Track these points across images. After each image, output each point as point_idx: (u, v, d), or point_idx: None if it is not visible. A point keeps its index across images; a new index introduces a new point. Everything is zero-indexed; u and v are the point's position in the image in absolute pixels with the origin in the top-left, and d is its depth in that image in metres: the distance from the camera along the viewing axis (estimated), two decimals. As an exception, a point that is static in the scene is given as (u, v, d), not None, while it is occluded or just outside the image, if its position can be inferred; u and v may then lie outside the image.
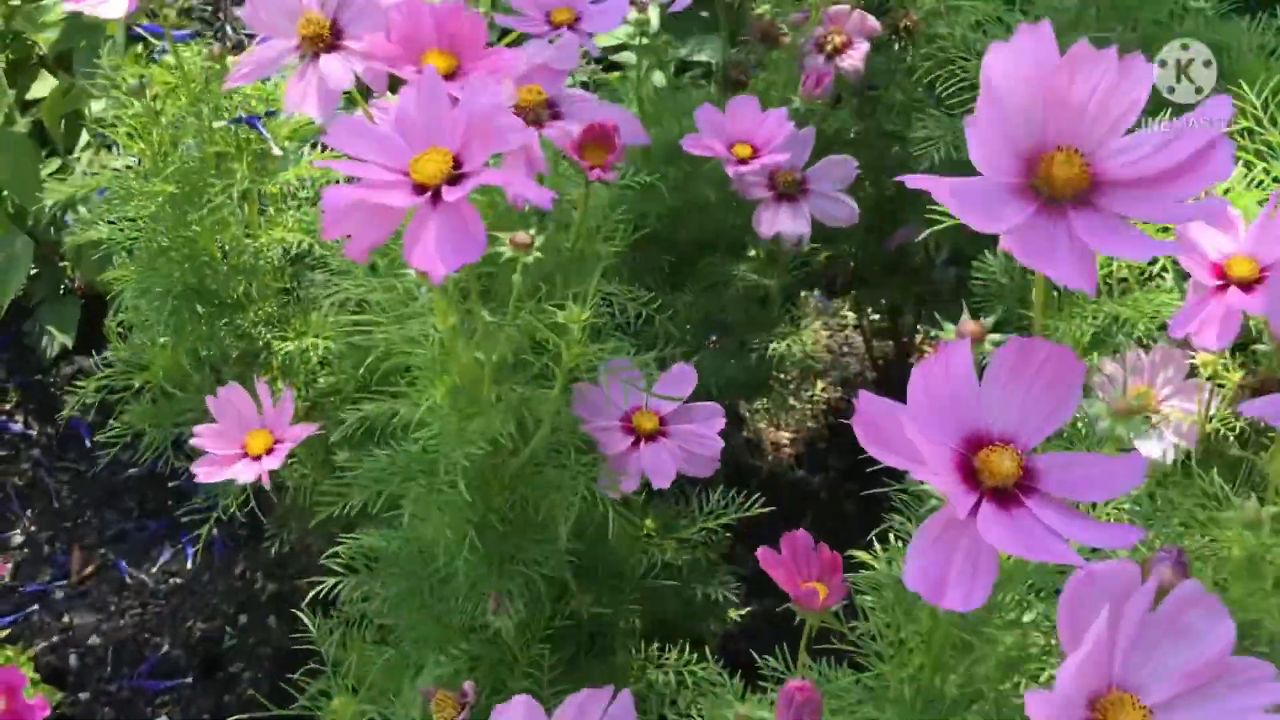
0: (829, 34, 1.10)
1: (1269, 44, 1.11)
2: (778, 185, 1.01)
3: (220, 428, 0.93)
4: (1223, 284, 0.70)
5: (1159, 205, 0.52)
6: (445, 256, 0.60)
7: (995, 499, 0.52)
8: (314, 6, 0.76)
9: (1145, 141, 0.53)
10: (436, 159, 0.62)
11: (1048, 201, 0.53)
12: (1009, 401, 0.54)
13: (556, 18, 0.98)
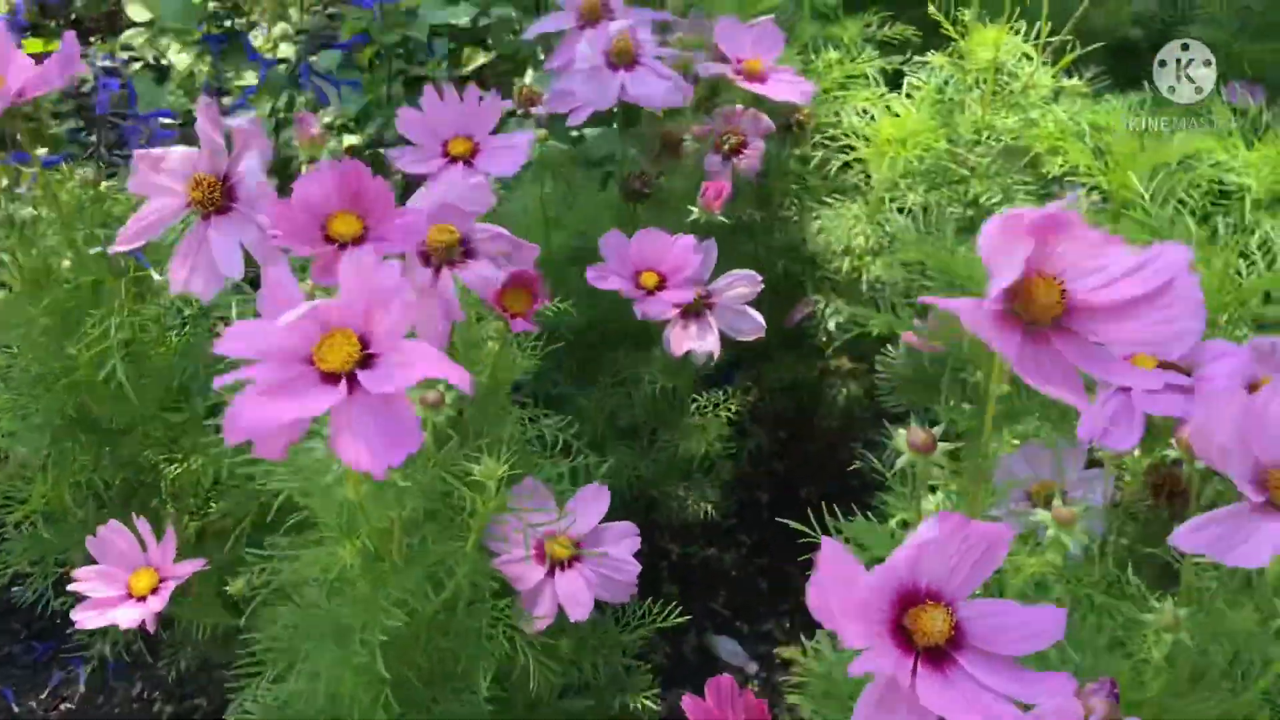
0: (725, 134, 1.11)
1: (1140, 119, 1.15)
2: (684, 306, 1.01)
3: (102, 568, 0.89)
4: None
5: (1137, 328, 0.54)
6: (378, 452, 0.57)
7: (929, 659, 0.53)
8: (204, 166, 0.73)
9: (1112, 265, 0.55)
10: (342, 343, 0.59)
11: (1029, 326, 0.54)
12: (938, 562, 0.54)
13: (453, 149, 0.96)
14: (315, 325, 0.60)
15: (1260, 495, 0.56)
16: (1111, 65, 1.47)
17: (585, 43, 1.04)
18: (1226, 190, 1.11)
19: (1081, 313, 0.54)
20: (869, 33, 1.24)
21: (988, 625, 0.54)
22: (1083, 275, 0.54)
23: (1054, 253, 0.54)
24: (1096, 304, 0.54)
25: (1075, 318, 0.54)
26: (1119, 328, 0.53)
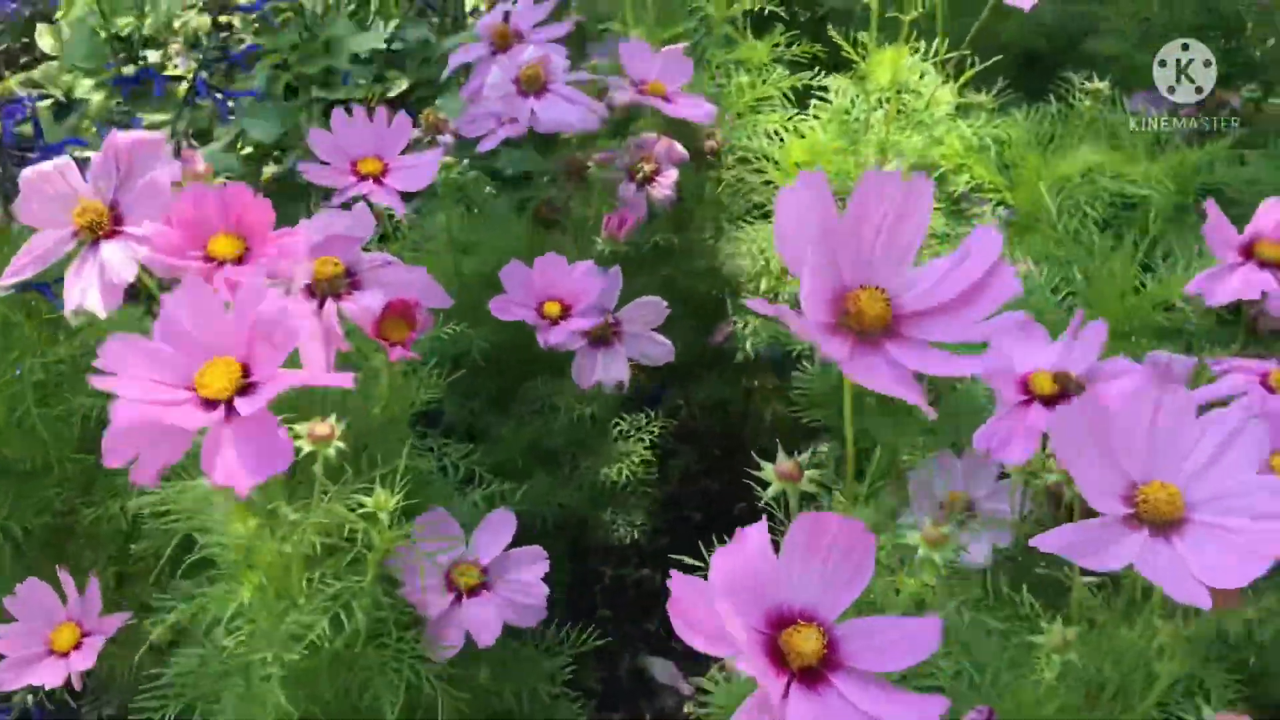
0: (639, 162, 1.11)
1: (1045, 132, 1.16)
2: (591, 333, 1.01)
3: (22, 626, 0.87)
4: (1027, 399, 0.73)
5: (959, 327, 0.55)
6: (249, 470, 0.57)
7: (804, 679, 0.53)
8: (89, 192, 0.72)
9: (934, 269, 0.56)
10: (224, 371, 0.59)
11: (860, 336, 0.55)
12: (807, 577, 0.55)
13: (363, 168, 0.97)
14: (200, 349, 0.61)
15: (1124, 509, 0.57)
16: (1019, 77, 1.50)
17: (496, 69, 1.04)
18: (1131, 202, 1.13)
19: (911, 316, 0.55)
20: (778, 53, 1.25)
21: (864, 643, 0.54)
22: (907, 281, 0.55)
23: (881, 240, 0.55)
24: (925, 307, 0.54)
25: (905, 323, 0.55)
26: (948, 324, 0.54)
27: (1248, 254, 0.80)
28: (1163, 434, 0.58)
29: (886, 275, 0.56)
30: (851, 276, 0.56)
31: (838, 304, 0.55)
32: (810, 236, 0.54)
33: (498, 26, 1.11)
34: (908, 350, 0.54)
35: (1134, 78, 1.41)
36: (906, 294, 0.56)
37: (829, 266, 0.55)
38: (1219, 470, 0.58)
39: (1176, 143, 1.16)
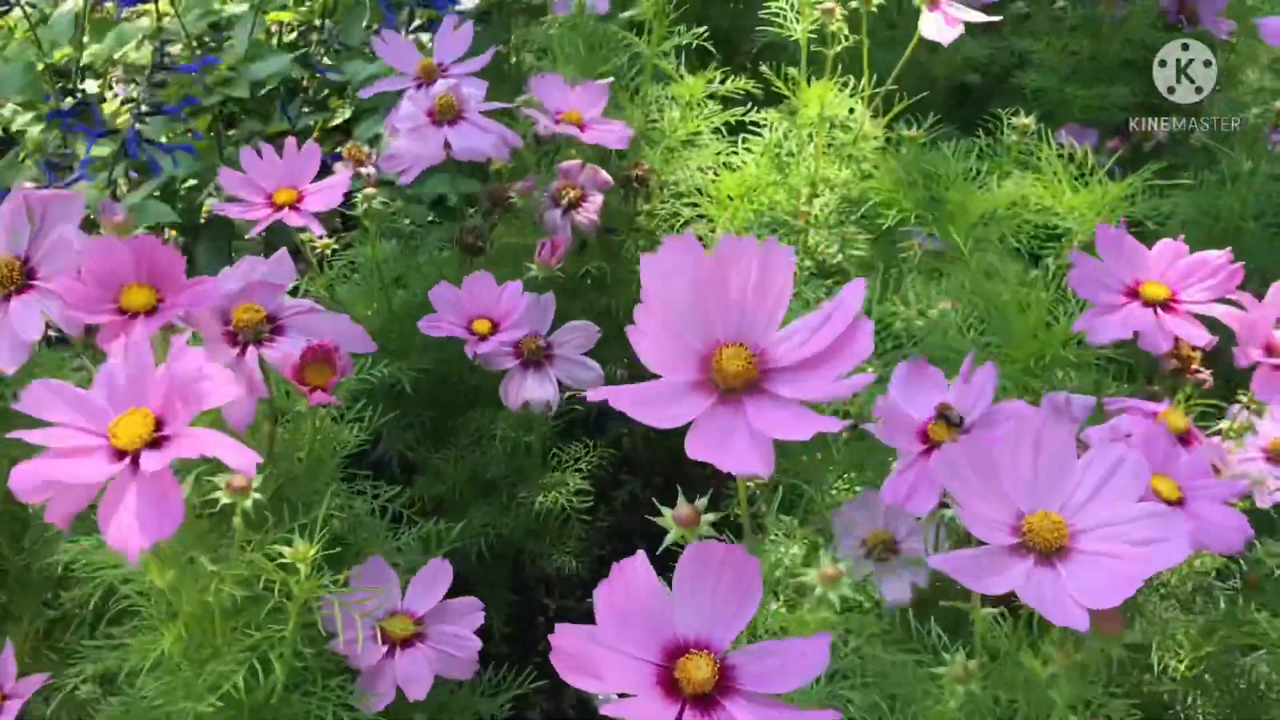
0: (563, 188, 1.12)
1: (973, 166, 1.18)
2: (523, 353, 1.01)
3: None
4: (928, 448, 0.74)
5: (820, 384, 0.56)
6: (142, 530, 0.57)
7: (697, 706, 0.54)
8: (2, 248, 0.72)
9: (801, 327, 0.58)
10: (137, 422, 0.60)
11: (724, 394, 0.56)
12: (698, 605, 0.56)
13: (279, 199, 0.97)
14: (123, 400, 0.61)
15: (1010, 538, 0.58)
16: (952, 109, 1.52)
17: (408, 101, 1.05)
18: (1055, 234, 1.15)
19: (775, 373, 0.56)
20: (712, 88, 1.26)
21: (756, 667, 0.55)
22: (775, 338, 0.57)
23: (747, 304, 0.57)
24: (789, 363, 0.56)
25: (769, 378, 0.56)
26: (810, 381, 0.55)
27: (1133, 294, 0.82)
28: (1047, 467, 0.60)
29: (752, 333, 0.57)
30: (722, 333, 0.57)
31: (705, 362, 0.56)
32: (674, 300, 0.55)
33: (422, 60, 1.12)
34: (767, 410, 0.54)
35: (1062, 111, 1.44)
36: (773, 350, 0.57)
37: (695, 325, 0.56)
38: (1102, 500, 0.59)
39: (1100, 177, 1.18)
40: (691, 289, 0.57)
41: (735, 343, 0.56)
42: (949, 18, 1.04)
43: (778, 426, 0.54)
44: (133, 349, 0.62)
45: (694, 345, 0.56)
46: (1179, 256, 0.84)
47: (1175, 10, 1.55)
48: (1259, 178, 1.21)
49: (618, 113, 1.21)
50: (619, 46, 1.26)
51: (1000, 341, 0.89)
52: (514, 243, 1.12)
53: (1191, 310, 0.80)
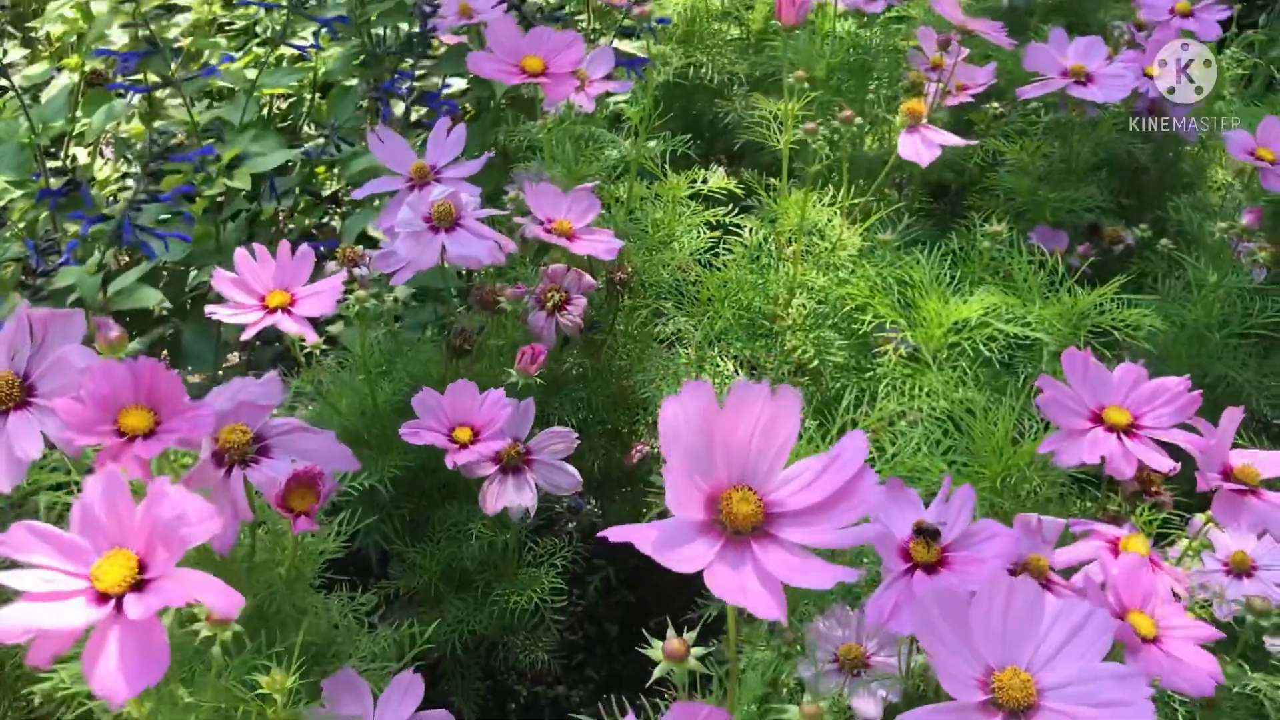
0: (549, 291, 1.14)
1: (946, 273, 1.21)
2: (502, 459, 1.03)
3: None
4: (910, 567, 0.76)
5: (825, 532, 0.58)
6: (128, 680, 0.58)
7: None
8: (3, 364, 0.74)
9: (805, 470, 0.60)
10: (120, 564, 0.60)
11: (733, 535, 0.58)
12: None
13: (271, 301, 1.00)
14: (105, 540, 0.62)
15: (981, 695, 0.60)
16: (928, 206, 1.56)
17: (407, 207, 1.07)
18: (1027, 343, 1.18)
19: (781, 516, 0.58)
20: (695, 188, 1.29)
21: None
22: (779, 481, 0.59)
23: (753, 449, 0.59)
24: (795, 508, 0.58)
25: (775, 522, 0.58)
26: (815, 527, 0.57)
27: (1097, 419, 0.84)
28: (1015, 621, 0.62)
29: (758, 476, 0.59)
30: (727, 476, 0.59)
31: (713, 503, 0.58)
32: (687, 442, 0.58)
33: (416, 163, 1.14)
34: (774, 554, 0.57)
35: (1034, 211, 1.48)
36: (777, 493, 0.59)
37: (705, 468, 0.58)
38: (1068, 656, 0.61)
39: (1070, 285, 1.21)
40: (703, 433, 0.59)
41: (742, 485, 0.59)
42: (926, 141, 1.07)
43: (792, 573, 0.56)
44: (109, 487, 0.63)
45: (703, 486, 0.58)
46: (1140, 381, 0.87)
47: (1147, 112, 1.60)
48: (1223, 289, 1.24)
49: (603, 212, 1.24)
50: (605, 142, 1.30)
51: (969, 460, 0.92)
52: (496, 343, 1.14)
53: (1153, 436, 0.83)
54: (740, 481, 0.59)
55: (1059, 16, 1.87)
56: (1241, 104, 1.65)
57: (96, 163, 1.85)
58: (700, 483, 0.58)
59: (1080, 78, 1.38)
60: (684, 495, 0.57)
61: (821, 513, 0.58)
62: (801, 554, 0.57)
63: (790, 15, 1.11)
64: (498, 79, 1.13)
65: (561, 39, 1.14)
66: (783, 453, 0.60)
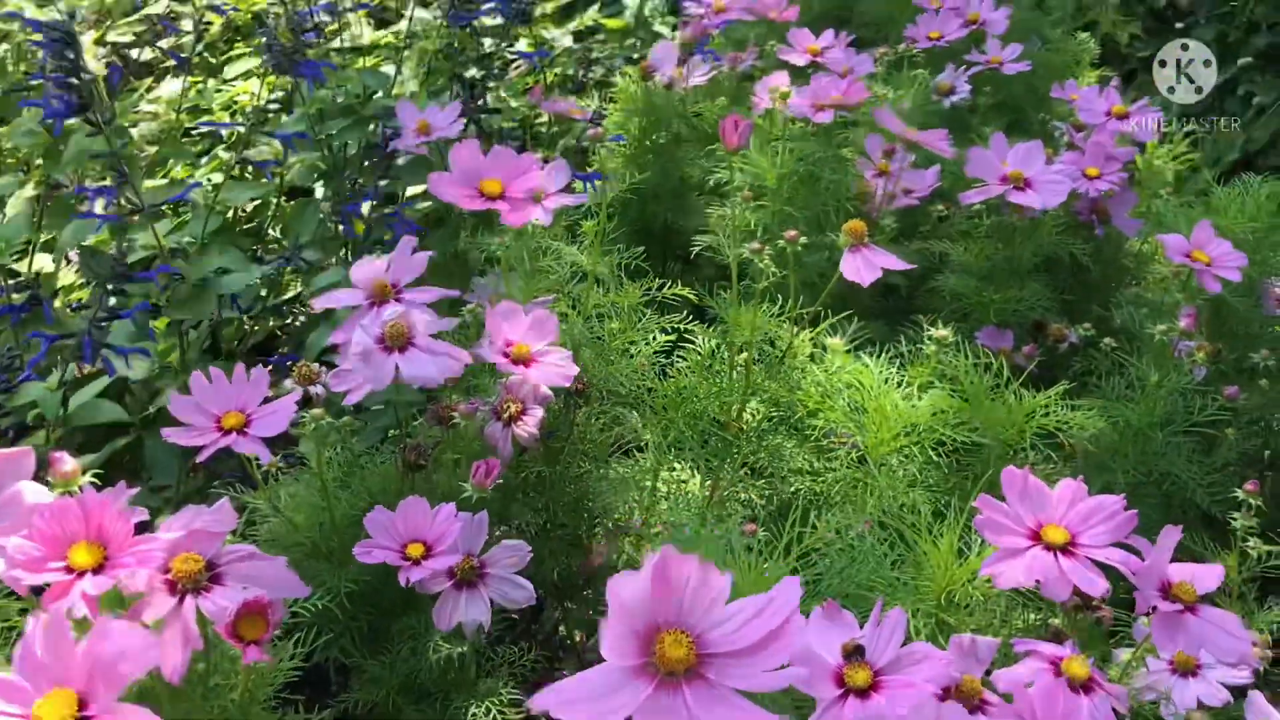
0: (505, 403, 1.16)
1: (893, 377, 1.24)
2: (456, 573, 1.04)
3: None
4: (843, 693, 0.77)
5: (755, 674, 0.60)
6: None
7: None
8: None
9: (737, 612, 0.61)
10: (60, 704, 0.61)
11: (665, 678, 0.60)
12: None
13: (226, 423, 1.01)
14: (46, 680, 0.63)
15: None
16: (877, 307, 1.60)
17: (360, 329, 1.09)
18: (974, 446, 1.21)
19: (713, 658, 0.60)
20: (650, 295, 1.32)
21: None
22: (713, 623, 0.61)
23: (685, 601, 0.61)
24: (726, 650, 0.60)
25: (707, 664, 0.60)
26: (746, 669, 0.59)
27: (1035, 537, 0.86)
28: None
29: (691, 619, 0.61)
30: (663, 620, 0.61)
31: (647, 645, 0.60)
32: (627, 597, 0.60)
33: (376, 280, 1.17)
34: (705, 697, 0.58)
35: (980, 311, 1.52)
36: (711, 634, 0.61)
37: (642, 614, 0.60)
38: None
39: (1015, 388, 1.24)
40: (642, 591, 0.61)
41: (678, 627, 0.61)
42: (868, 263, 1.11)
43: (720, 716, 0.58)
44: (52, 629, 0.64)
45: (639, 629, 0.60)
46: (1079, 497, 0.89)
47: (1088, 211, 1.65)
48: (1165, 389, 1.28)
49: (561, 322, 1.27)
50: (563, 253, 1.33)
51: (916, 572, 0.94)
52: (451, 457, 1.16)
53: (1090, 556, 0.85)
54: (676, 624, 0.61)
55: (999, 115, 1.94)
56: (1177, 203, 1.71)
57: (61, 268, 1.87)
58: (637, 625, 0.60)
59: (1019, 183, 1.43)
60: (620, 642, 0.59)
61: (752, 655, 0.60)
62: (731, 697, 0.59)
63: (733, 141, 1.15)
64: (457, 203, 1.16)
65: (520, 163, 1.17)
66: (718, 601, 0.62)
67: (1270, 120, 2.64)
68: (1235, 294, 1.40)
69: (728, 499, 1.26)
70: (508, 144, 1.38)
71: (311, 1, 1.79)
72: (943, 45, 1.84)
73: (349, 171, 1.42)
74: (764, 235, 1.42)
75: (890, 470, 1.16)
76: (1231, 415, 1.31)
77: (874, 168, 1.52)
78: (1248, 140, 2.65)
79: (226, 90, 2.05)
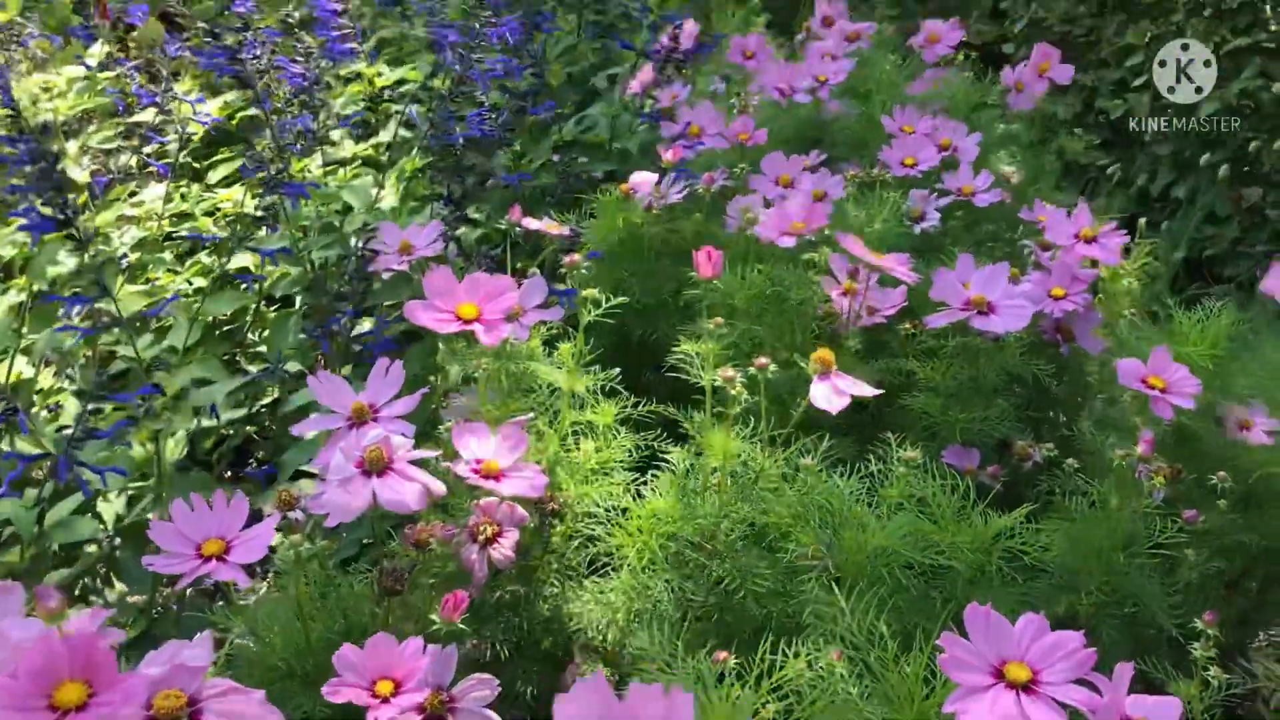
0: (481, 525, 1.18)
1: (863, 498, 1.26)
2: (426, 708, 1.04)
3: None
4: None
5: None
6: None
7: None
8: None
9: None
10: None
11: None
12: None
13: (206, 550, 1.03)
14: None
15: None
16: (848, 425, 1.63)
17: (339, 455, 1.11)
18: (943, 568, 1.23)
19: None
20: (625, 413, 1.35)
21: None
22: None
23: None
24: None
25: None
26: None
27: (999, 674, 0.88)
28: None
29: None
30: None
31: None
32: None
33: (355, 403, 1.19)
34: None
35: (947, 429, 1.55)
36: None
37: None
38: None
39: (981, 507, 1.27)
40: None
41: None
42: (838, 390, 1.14)
43: None
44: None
45: None
46: (1042, 632, 0.92)
47: (1052, 330, 1.70)
48: (1126, 512, 1.31)
49: (536, 441, 1.29)
50: (539, 371, 1.35)
51: (887, 706, 0.95)
52: (429, 581, 1.17)
53: (1051, 694, 0.87)
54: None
55: (969, 233, 2.00)
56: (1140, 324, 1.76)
57: (40, 371, 1.88)
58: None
59: (982, 308, 1.47)
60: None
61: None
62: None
63: (707, 271, 1.19)
64: (434, 328, 1.19)
65: (496, 286, 1.21)
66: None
67: (1227, 228, 2.72)
68: (1195, 417, 1.44)
69: (701, 618, 1.27)
70: (486, 259, 1.42)
71: (295, 114, 1.83)
72: (916, 173, 1.91)
73: (330, 286, 1.45)
74: (733, 354, 1.45)
75: (861, 592, 1.18)
76: (1191, 537, 1.34)
77: (840, 287, 1.57)
78: (1206, 242, 2.73)
79: (210, 197, 2.09)
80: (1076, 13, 3.03)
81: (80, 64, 2.61)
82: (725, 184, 1.81)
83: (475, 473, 1.15)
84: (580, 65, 2.42)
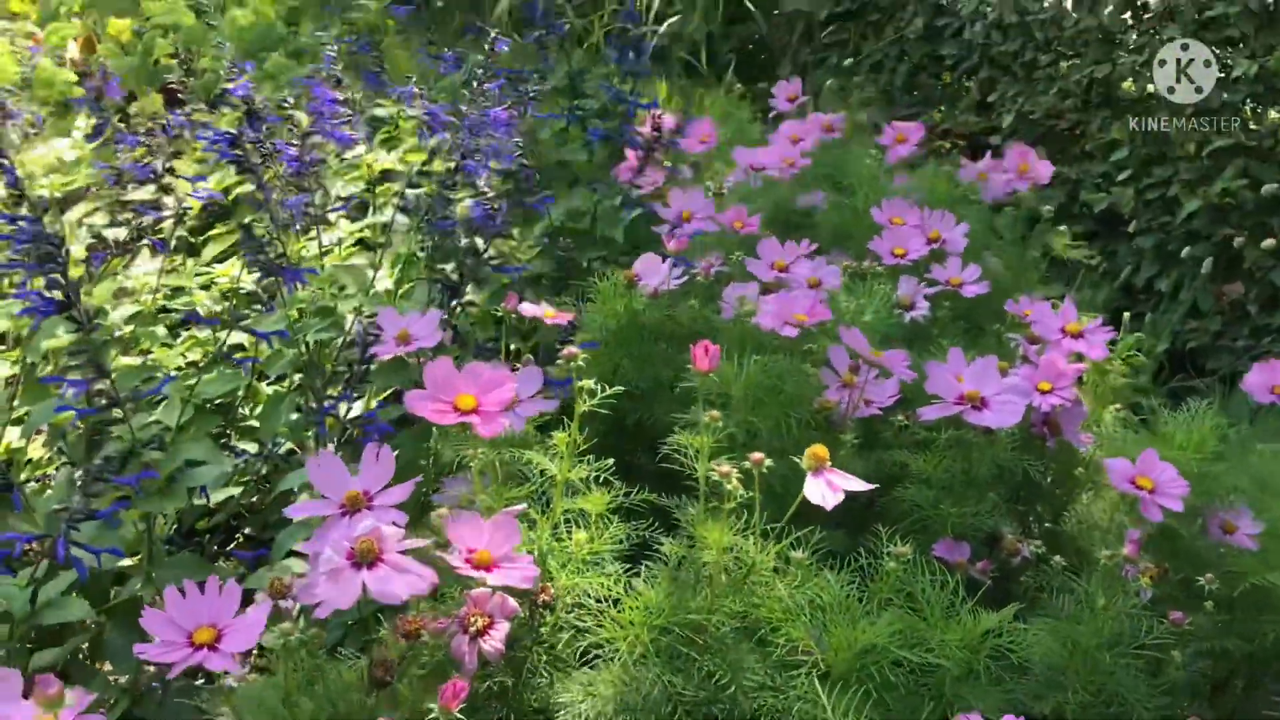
0: (471, 616, 1.18)
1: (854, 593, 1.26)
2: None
3: None
4: None
5: None
6: None
7: None
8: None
9: None
10: None
11: None
12: None
13: (198, 638, 1.03)
14: None
15: None
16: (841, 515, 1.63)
17: (329, 547, 1.11)
18: (933, 666, 1.23)
19: None
20: (616, 501, 1.35)
21: None
22: None
23: None
24: None
25: None
26: None
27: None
28: None
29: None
30: None
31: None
32: None
33: (350, 491, 1.19)
34: None
35: (938, 523, 1.56)
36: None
37: None
38: None
39: (970, 605, 1.27)
40: None
41: None
42: (832, 485, 1.15)
43: None
44: None
45: None
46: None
47: (1040, 424, 1.72)
48: (1112, 612, 1.32)
49: (528, 530, 1.29)
50: (533, 459, 1.36)
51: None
52: (418, 673, 1.17)
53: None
54: None
55: (957, 325, 2.02)
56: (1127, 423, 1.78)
57: (30, 441, 1.87)
58: None
59: (975, 403, 1.49)
60: None
61: None
62: None
63: (704, 364, 1.20)
64: (433, 420, 1.20)
65: (494, 378, 1.22)
66: None
67: (1210, 321, 2.77)
68: (1180, 519, 1.46)
69: (690, 711, 1.27)
70: (484, 351, 1.43)
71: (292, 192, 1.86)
72: (906, 263, 1.94)
73: (325, 368, 1.46)
74: (727, 444, 1.46)
75: (848, 688, 1.18)
76: (1177, 639, 1.35)
77: (839, 380, 1.58)
78: (1189, 334, 2.77)
79: (206, 273, 2.10)
80: (1062, 107, 3.10)
81: (78, 136, 2.64)
82: (718, 269, 1.84)
83: (468, 563, 1.15)
84: (573, 145, 2.46)
